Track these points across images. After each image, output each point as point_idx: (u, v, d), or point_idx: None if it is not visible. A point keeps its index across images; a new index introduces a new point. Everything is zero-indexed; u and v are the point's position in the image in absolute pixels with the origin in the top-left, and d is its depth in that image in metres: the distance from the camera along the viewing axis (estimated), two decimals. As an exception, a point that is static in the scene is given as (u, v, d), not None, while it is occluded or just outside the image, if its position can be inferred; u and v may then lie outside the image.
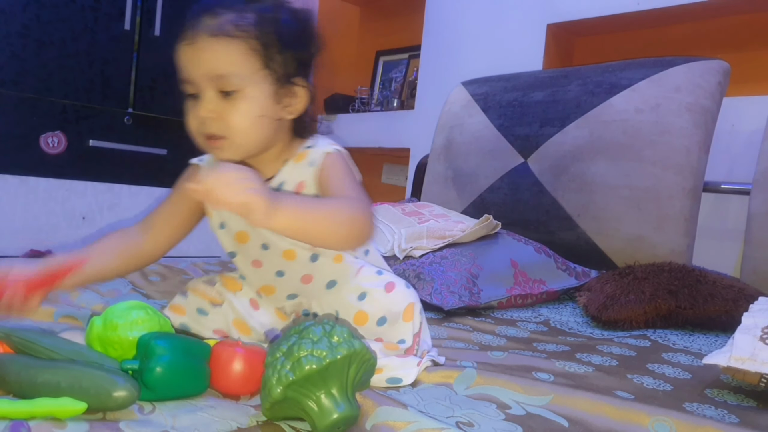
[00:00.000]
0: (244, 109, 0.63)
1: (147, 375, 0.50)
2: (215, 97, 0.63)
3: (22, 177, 1.79)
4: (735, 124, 1.38)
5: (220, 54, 0.62)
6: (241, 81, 0.63)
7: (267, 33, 0.64)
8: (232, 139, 0.64)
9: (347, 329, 0.50)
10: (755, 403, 0.62)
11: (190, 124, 0.65)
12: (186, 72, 0.64)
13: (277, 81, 0.65)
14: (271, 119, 0.66)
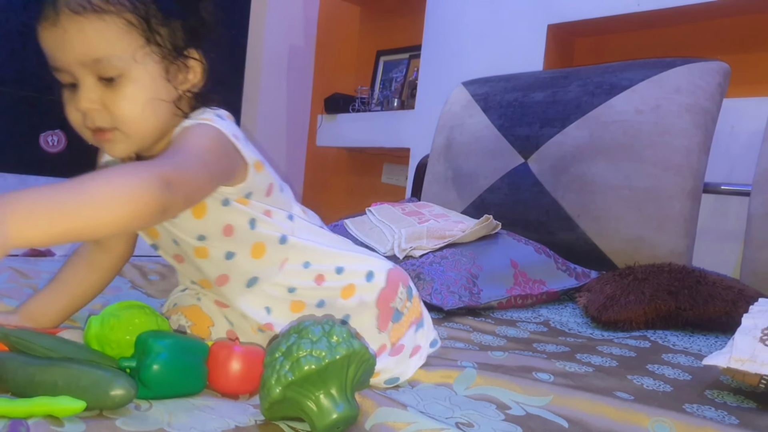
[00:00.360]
0: (131, 95, 0.55)
1: (144, 373, 0.50)
2: (95, 85, 0.54)
3: (22, 176, 1.79)
4: (735, 126, 1.38)
5: (91, 35, 0.53)
6: (123, 63, 0.54)
7: (144, 2, 0.55)
8: (124, 130, 0.56)
9: (346, 329, 0.49)
10: (755, 404, 0.62)
11: (72, 118, 0.57)
12: (54, 59, 0.55)
13: (166, 56, 0.57)
14: (164, 101, 0.57)
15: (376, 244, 1.23)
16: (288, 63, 2.53)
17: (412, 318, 0.65)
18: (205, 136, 0.56)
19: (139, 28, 0.55)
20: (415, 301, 0.66)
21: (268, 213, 0.62)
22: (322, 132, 2.39)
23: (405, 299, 0.64)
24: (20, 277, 0.96)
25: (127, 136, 0.57)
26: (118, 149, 0.58)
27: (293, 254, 0.64)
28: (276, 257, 0.63)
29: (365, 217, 1.39)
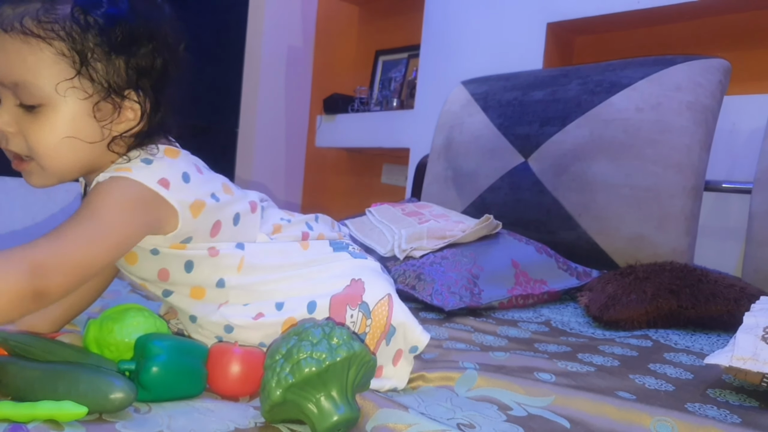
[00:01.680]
0: (47, 128, 0.51)
1: (143, 375, 0.50)
2: (15, 108, 0.52)
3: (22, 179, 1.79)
4: (736, 123, 1.38)
5: (12, 57, 0.50)
6: (42, 93, 0.51)
7: (84, 32, 0.50)
8: (38, 161, 0.53)
9: (347, 331, 0.49)
10: (757, 403, 0.62)
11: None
12: None
13: (99, 93, 0.53)
14: (84, 142, 0.53)
15: (376, 245, 1.23)
16: (287, 63, 2.53)
17: (378, 333, 0.60)
18: (115, 195, 0.52)
19: (70, 60, 0.51)
20: (378, 314, 0.60)
21: (213, 252, 0.59)
22: (321, 132, 2.39)
23: (361, 318, 0.59)
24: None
25: (42, 169, 0.54)
26: (35, 180, 0.55)
27: (233, 295, 0.61)
28: (215, 298, 0.60)
29: (365, 218, 1.39)
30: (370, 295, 0.61)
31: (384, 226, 1.30)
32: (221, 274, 0.60)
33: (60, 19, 0.50)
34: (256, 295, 0.61)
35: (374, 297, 0.61)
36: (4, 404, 0.45)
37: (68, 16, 0.51)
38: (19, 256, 0.46)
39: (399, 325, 0.62)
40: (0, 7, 0.50)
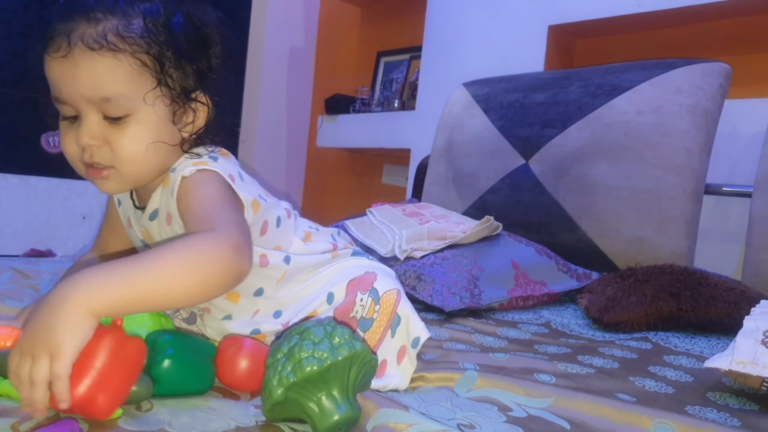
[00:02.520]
0: (135, 137, 0.54)
1: (155, 369, 0.50)
2: (99, 121, 0.53)
3: (23, 176, 1.80)
4: (736, 127, 1.38)
5: (103, 73, 0.52)
6: (131, 104, 0.53)
7: (159, 43, 0.54)
8: (121, 169, 0.55)
9: (348, 330, 0.49)
10: (757, 407, 0.62)
11: (68, 150, 0.56)
12: (60, 91, 0.53)
13: (174, 99, 0.56)
14: (166, 144, 0.56)
15: (376, 245, 1.23)
16: (288, 64, 2.53)
17: (384, 321, 0.61)
18: (217, 184, 0.56)
19: (151, 70, 0.54)
20: (386, 302, 0.61)
21: (264, 261, 0.61)
22: (322, 133, 2.39)
23: (370, 304, 0.60)
24: (21, 277, 0.96)
25: (122, 175, 0.56)
26: (110, 187, 0.57)
27: (264, 306, 0.63)
28: (249, 306, 0.63)
29: (366, 218, 1.39)
30: (380, 284, 0.62)
31: (385, 227, 1.30)
32: (262, 283, 0.63)
33: (139, 33, 0.53)
34: (284, 303, 0.64)
35: (384, 287, 0.62)
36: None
37: (144, 29, 0.53)
38: (223, 239, 0.48)
39: (404, 316, 0.63)
40: (74, 26, 0.52)
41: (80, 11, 0.52)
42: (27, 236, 1.80)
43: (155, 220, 0.60)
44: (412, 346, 0.62)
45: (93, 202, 1.92)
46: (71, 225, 1.88)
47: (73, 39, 0.51)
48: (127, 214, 0.65)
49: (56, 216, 1.85)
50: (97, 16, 0.52)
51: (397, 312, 0.62)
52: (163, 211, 0.59)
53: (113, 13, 0.53)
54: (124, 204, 0.66)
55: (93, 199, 1.92)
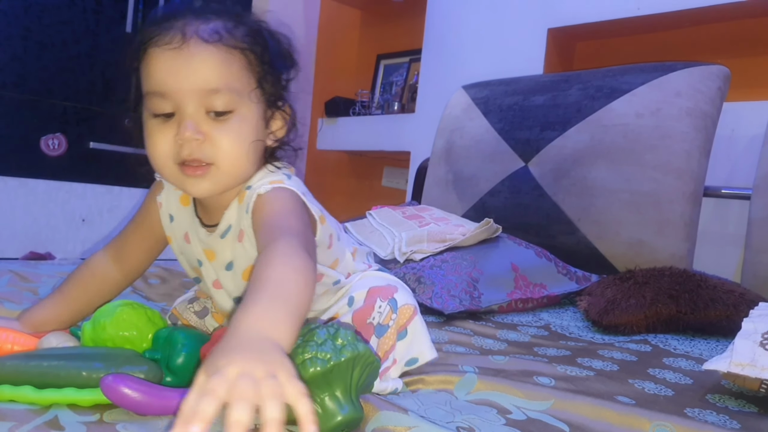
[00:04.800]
0: (240, 133, 0.54)
1: (172, 362, 0.53)
2: (203, 116, 0.53)
3: (22, 179, 1.80)
4: (735, 129, 1.39)
5: (216, 65, 0.53)
6: (237, 99, 0.54)
7: (261, 47, 0.56)
8: (220, 166, 0.54)
9: (351, 332, 0.49)
10: (756, 409, 0.62)
11: (158, 148, 0.55)
12: (165, 83, 0.53)
13: (267, 103, 0.57)
14: (261, 144, 0.57)
15: (376, 248, 1.23)
16: (288, 66, 2.53)
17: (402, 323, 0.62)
18: (291, 201, 0.56)
19: (255, 69, 0.56)
20: (403, 312, 0.62)
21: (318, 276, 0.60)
22: (322, 135, 2.40)
23: (387, 312, 0.61)
24: (20, 280, 0.96)
25: (220, 173, 0.55)
26: (203, 187, 0.56)
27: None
28: None
29: (366, 221, 1.39)
30: (400, 296, 0.63)
31: (384, 229, 1.30)
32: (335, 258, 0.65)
33: (250, 34, 0.56)
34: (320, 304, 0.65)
35: (403, 300, 0.63)
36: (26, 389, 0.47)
37: (253, 32, 0.56)
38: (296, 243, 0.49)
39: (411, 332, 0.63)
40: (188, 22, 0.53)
41: (192, 11, 0.55)
42: (26, 239, 1.80)
43: (226, 236, 0.59)
44: (407, 364, 0.63)
45: (92, 205, 1.92)
46: (70, 228, 1.88)
47: (187, 32, 0.53)
48: (184, 230, 0.64)
49: (55, 219, 1.85)
50: (209, 17, 0.55)
51: (407, 327, 0.63)
52: (236, 227, 0.59)
53: (221, 16, 0.55)
54: (181, 221, 0.64)
55: (92, 202, 1.92)
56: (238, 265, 0.60)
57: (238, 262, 0.60)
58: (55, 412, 0.46)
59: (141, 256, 0.67)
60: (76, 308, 0.65)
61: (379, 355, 0.61)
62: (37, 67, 1.79)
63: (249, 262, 0.59)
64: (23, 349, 0.56)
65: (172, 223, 0.65)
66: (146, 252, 0.67)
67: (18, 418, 0.45)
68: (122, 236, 0.68)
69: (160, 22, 0.54)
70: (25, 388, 0.47)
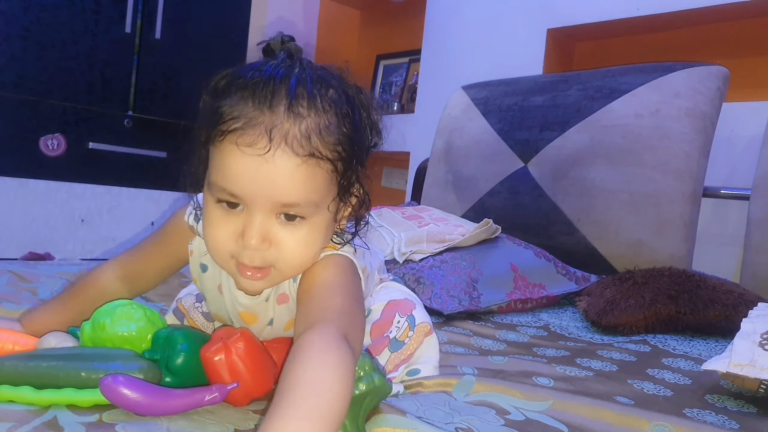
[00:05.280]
0: (310, 242, 0.49)
1: (172, 362, 0.52)
2: (272, 221, 0.48)
3: (22, 179, 1.79)
4: (734, 130, 1.39)
5: (302, 181, 0.47)
6: (313, 209, 0.48)
7: (349, 145, 0.49)
8: (281, 270, 0.50)
9: (369, 361, 0.48)
10: (755, 409, 0.62)
11: (219, 241, 0.49)
12: (239, 188, 0.47)
13: (341, 197, 0.51)
14: (325, 243, 0.52)
15: (375, 249, 1.23)
16: (288, 67, 2.53)
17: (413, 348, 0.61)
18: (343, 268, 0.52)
19: (338, 176, 0.49)
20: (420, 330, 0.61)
21: None
22: (322, 136, 2.39)
23: (405, 328, 0.59)
24: (19, 281, 0.96)
25: (280, 275, 0.51)
26: (258, 287, 0.52)
27: None
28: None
29: (365, 221, 1.39)
30: (418, 313, 0.61)
31: (384, 230, 1.30)
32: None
33: (337, 136, 0.48)
34: None
35: (420, 317, 0.61)
36: (24, 389, 0.47)
37: (339, 129, 0.48)
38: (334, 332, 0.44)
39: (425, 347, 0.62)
40: (276, 120, 0.46)
41: (284, 100, 0.46)
42: (25, 239, 1.80)
43: (269, 300, 0.56)
44: (408, 374, 0.62)
45: (92, 205, 1.92)
46: (70, 228, 1.88)
47: (275, 137, 0.45)
48: (218, 282, 0.58)
49: (55, 219, 1.85)
50: (300, 111, 0.47)
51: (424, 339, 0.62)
52: (275, 292, 0.55)
53: (314, 108, 0.47)
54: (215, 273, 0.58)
55: (91, 203, 1.92)
56: (278, 323, 0.58)
57: (279, 320, 0.57)
58: (54, 413, 0.46)
59: (153, 279, 0.64)
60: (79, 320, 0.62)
61: (390, 367, 0.61)
62: (36, 68, 1.79)
63: (290, 316, 0.56)
64: (23, 349, 0.56)
65: (205, 272, 0.59)
66: (159, 274, 0.64)
67: (17, 418, 0.44)
68: (136, 256, 0.63)
69: (244, 103, 0.46)
70: (24, 388, 0.47)
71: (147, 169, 2.02)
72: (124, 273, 0.64)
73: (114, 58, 1.93)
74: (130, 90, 1.98)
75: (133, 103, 1.99)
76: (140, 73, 1.99)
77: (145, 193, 2.02)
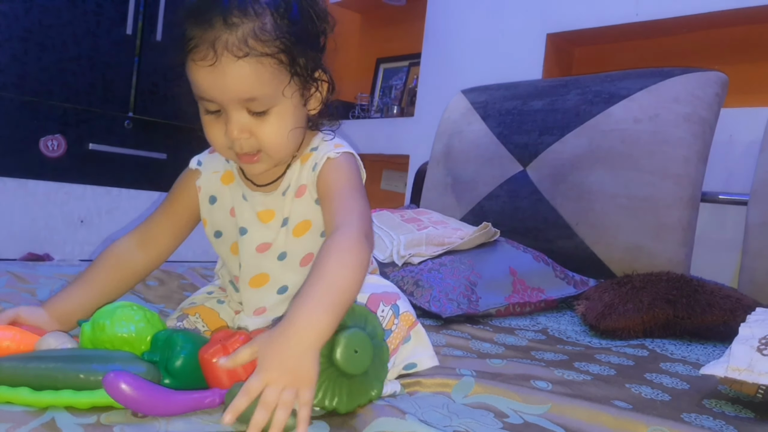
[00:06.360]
0: (278, 126, 0.60)
1: (171, 364, 0.53)
2: (245, 117, 0.59)
3: (21, 180, 1.79)
4: (733, 135, 1.39)
5: (249, 77, 0.57)
6: (273, 100, 0.59)
7: (289, 39, 0.57)
8: (268, 153, 0.62)
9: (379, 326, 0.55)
10: (753, 414, 0.62)
11: (215, 140, 0.62)
12: (207, 93, 0.58)
13: (302, 84, 0.61)
14: (301, 128, 0.64)
15: (375, 251, 1.23)
16: (288, 69, 2.54)
17: (400, 336, 0.64)
18: (354, 169, 0.65)
19: (286, 65, 0.58)
20: (405, 318, 0.64)
21: None
22: (321, 138, 2.40)
23: (390, 317, 0.62)
24: (18, 281, 0.96)
25: (270, 157, 0.62)
26: (259, 169, 0.64)
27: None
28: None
29: (364, 224, 1.39)
30: (401, 303, 0.65)
31: (383, 232, 1.30)
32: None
33: (273, 33, 0.57)
34: None
35: (404, 307, 0.65)
36: (22, 390, 0.47)
37: (275, 27, 0.57)
38: (356, 231, 0.56)
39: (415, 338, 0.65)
40: (216, 34, 0.55)
41: (218, 15, 0.55)
42: (24, 240, 1.80)
43: (287, 194, 0.66)
44: (405, 368, 0.65)
45: (91, 206, 1.92)
46: (69, 229, 1.88)
47: (218, 48, 0.55)
48: (229, 206, 0.69)
49: (54, 220, 1.85)
50: (234, 21, 0.55)
51: (410, 333, 0.66)
52: (295, 185, 0.66)
53: (247, 15, 0.56)
54: (225, 199, 0.69)
55: (91, 203, 1.92)
56: (292, 221, 0.66)
57: (293, 218, 0.66)
58: (52, 414, 0.46)
59: (167, 241, 0.70)
60: (101, 294, 0.66)
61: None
62: (37, 69, 1.79)
63: (302, 218, 0.66)
64: (21, 346, 0.56)
65: (214, 204, 0.70)
66: (173, 237, 0.71)
67: (15, 419, 0.44)
68: (149, 222, 0.71)
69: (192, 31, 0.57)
70: (23, 389, 0.47)
71: (147, 171, 2.02)
72: (140, 239, 0.70)
73: (115, 59, 1.94)
74: (130, 91, 1.98)
75: (133, 105, 1.99)
76: (141, 75, 1.99)
77: (145, 195, 2.02)
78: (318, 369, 0.48)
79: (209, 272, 1.28)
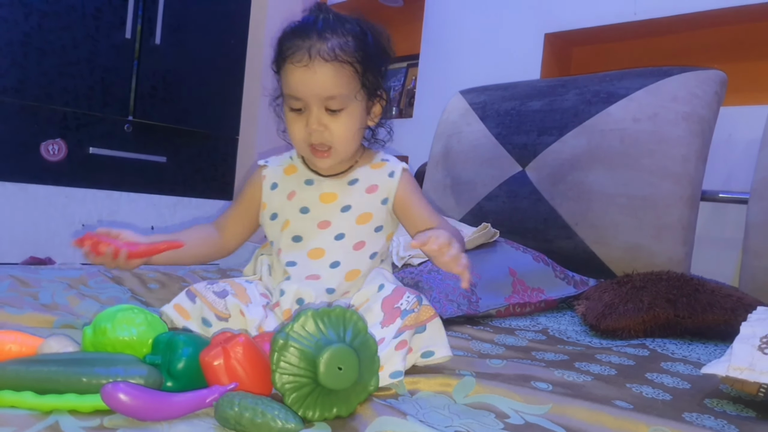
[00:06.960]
0: (348, 124, 0.74)
1: (173, 366, 0.53)
2: (323, 113, 0.73)
3: (22, 184, 1.80)
4: (732, 134, 1.39)
5: (333, 78, 0.71)
6: (346, 100, 0.73)
7: (364, 56, 0.73)
8: (336, 148, 0.75)
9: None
10: (755, 414, 0.62)
11: (296, 134, 0.75)
12: (296, 90, 0.72)
13: (368, 96, 0.76)
14: (363, 130, 0.78)
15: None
16: (287, 71, 2.54)
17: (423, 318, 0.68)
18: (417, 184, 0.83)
19: (359, 75, 0.74)
20: (426, 309, 0.69)
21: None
22: (321, 140, 2.40)
23: (414, 302, 0.67)
24: (21, 285, 0.96)
25: (337, 153, 0.76)
26: (327, 163, 0.77)
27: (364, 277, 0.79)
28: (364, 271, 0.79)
29: (364, 225, 1.39)
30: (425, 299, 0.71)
31: (383, 234, 1.30)
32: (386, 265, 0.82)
33: (353, 48, 0.73)
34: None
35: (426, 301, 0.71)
36: (26, 394, 0.47)
37: (355, 46, 0.73)
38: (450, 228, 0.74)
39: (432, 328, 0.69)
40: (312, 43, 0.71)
41: (314, 32, 0.72)
42: (26, 244, 1.81)
43: (355, 185, 0.80)
44: (423, 356, 0.68)
45: (92, 210, 1.92)
46: (70, 233, 1.88)
47: (312, 53, 0.71)
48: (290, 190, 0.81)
49: (55, 224, 1.85)
50: (326, 36, 0.72)
51: (427, 324, 0.69)
52: (366, 182, 0.80)
53: (335, 34, 0.72)
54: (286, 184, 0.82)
55: (92, 207, 1.92)
56: (354, 209, 0.79)
57: (356, 207, 0.79)
58: (55, 418, 0.46)
59: (237, 229, 0.85)
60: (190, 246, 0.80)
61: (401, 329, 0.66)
62: (37, 73, 1.80)
63: (365, 210, 0.79)
64: (24, 350, 0.57)
65: (274, 189, 0.82)
66: (241, 226, 0.85)
67: (19, 423, 0.45)
68: (225, 212, 0.87)
69: (292, 41, 0.72)
70: (26, 393, 0.48)
71: (147, 174, 2.03)
72: (218, 224, 0.86)
73: (114, 63, 1.94)
74: (130, 95, 1.98)
75: (133, 108, 1.99)
76: (140, 78, 2.00)
77: (145, 198, 2.03)
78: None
79: (210, 275, 1.28)
